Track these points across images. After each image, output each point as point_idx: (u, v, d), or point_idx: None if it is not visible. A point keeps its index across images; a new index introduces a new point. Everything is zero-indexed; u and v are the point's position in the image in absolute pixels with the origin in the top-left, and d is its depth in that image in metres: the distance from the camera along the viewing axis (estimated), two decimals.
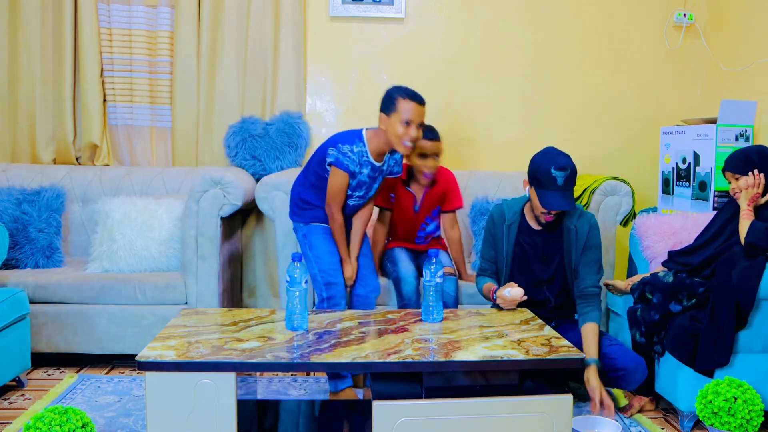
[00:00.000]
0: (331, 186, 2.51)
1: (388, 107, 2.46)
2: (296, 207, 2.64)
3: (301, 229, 2.63)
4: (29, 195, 3.11)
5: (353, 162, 2.47)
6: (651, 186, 3.62)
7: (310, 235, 2.60)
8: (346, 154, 2.46)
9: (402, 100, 2.43)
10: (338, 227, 2.57)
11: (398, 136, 2.44)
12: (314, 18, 3.60)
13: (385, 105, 2.49)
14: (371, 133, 2.52)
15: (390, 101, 2.46)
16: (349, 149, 2.46)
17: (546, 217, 2.41)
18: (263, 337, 1.99)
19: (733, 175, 2.42)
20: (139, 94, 3.53)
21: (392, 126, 2.44)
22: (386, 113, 2.47)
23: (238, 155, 3.44)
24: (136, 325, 2.82)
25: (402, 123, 2.43)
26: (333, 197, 2.52)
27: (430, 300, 2.20)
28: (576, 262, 2.48)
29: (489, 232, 2.61)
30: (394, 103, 2.44)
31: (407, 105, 2.43)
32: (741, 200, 2.37)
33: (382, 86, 3.62)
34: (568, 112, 3.72)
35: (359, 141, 2.49)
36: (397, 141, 2.46)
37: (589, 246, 2.48)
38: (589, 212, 2.58)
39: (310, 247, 2.59)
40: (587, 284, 2.47)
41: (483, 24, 3.66)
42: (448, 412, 1.86)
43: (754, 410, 2.12)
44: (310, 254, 2.58)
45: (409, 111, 2.42)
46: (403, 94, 2.45)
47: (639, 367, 2.33)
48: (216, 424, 1.79)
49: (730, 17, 3.47)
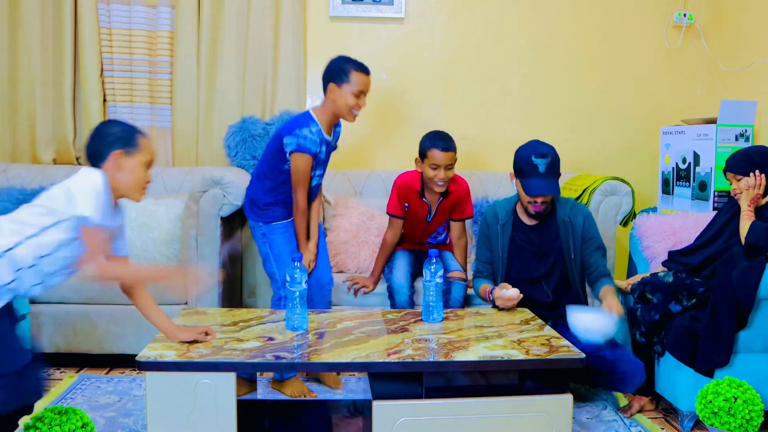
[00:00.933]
0: (296, 172, 2.52)
1: (339, 78, 2.51)
2: (256, 208, 2.63)
3: (260, 228, 2.63)
4: (29, 195, 3.11)
5: (315, 143, 2.51)
6: (651, 186, 3.62)
7: (270, 234, 2.61)
8: (306, 137, 2.49)
9: (354, 71, 2.50)
10: (302, 212, 2.58)
11: (349, 106, 2.51)
12: (314, 18, 3.60)
13: (336, 75, 2.52)
14: (318, 111, 2.57)
15: (341, 72, 2.51)
16: (308, 131, 2.49)
17: (533, 207, 2.44)
18: (263, 337, 1.99)
19: (734, 176, 2.42)
20: (139, 94, 3.53)
21: (343, 96, 2.50)
22: (337, 83, 2.51)
23: (238, 155, 3.44)
24: (136, 325, 2.82)
25: (353, 94, 2.50)
26: (300, 182, 2.53)
27: (430, 300, 2.20)
28: (577, 253, 2.49)
29: (483, 234, 2.62)
30: (346, 74, 2.50)
31: (359, 77, 2.51)
32: (742, 201, 2.37)
33: (383, 86, 3.66)
34: (568, 111, 3.72)
35: (312, 121, 2.53)
36: (347, 110, 2.52)
37: (587, 237, 2.50)
38: (580, 203, 2.60)
39: (271, 246, 2.61)
40: (599, 269, 2.49)
41: (483, 24, 3.66)
42: (448, 412, 1.86)
43: (754, 410, 2.12)
44: (270, 253, 2.60)
45: (361, 82, 2.51)
46: (355, 66, 2.52)
47: (637, 371, 2.31)
48: (216, 424, 1.79)
49: (730, 17, 3.47)
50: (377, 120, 3.64)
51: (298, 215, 2.59)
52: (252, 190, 2.68)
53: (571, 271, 2.51)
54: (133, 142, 1.84)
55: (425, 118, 3.59)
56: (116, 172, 1.82)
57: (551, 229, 2.52)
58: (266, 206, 2.61)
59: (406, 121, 3.65)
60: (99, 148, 1.82)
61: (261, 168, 2.66)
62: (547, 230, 2.52)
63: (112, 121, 1.93)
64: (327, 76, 2.55)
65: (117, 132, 1.83)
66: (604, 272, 2.49)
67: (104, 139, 1.82)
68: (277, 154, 2.55)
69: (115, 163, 1.81)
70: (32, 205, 1.76)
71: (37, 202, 1.76)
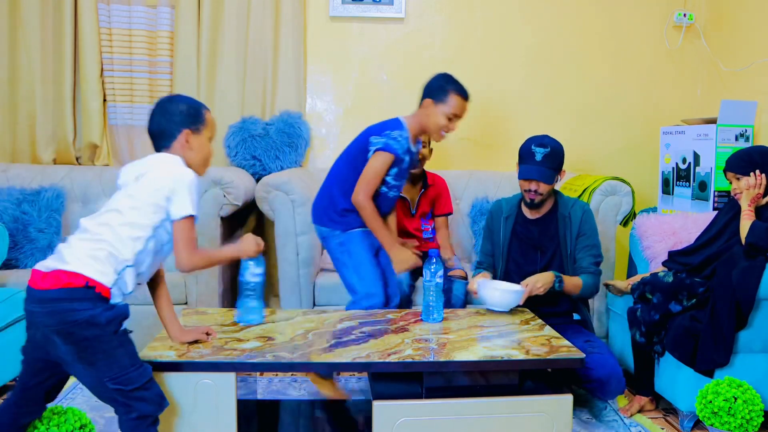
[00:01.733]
0: (369, 168, 2.40)
1: (438, 95, 2.44)
2: (333, 214, 2.48)
3: (338, 237, 2.47)
4: (29, 195, 3.11)
5: (402, 148, 2.42)
6: (651, 186, 3.62)
7: (348, 243, 2.46)
8: (396, 139, 2.41)
9: (454, 94, 2.44)
10: (372, 213, 2.40)
11: (440, 126, 2.46)
12: (314, 18, 3.60)
13: (435, 92, 2.45)
14: (409, 120, 2.50)
15: (442, 91, 2.44)
16: (398, 134, 2.41)
17: (528, 195, 2.48)
18: (263, 337, 1.99)
19: (735, 175, 2.42)
20: (139, 94, 3.53)
21: (436, 115, 2.44)
22: (435, 100, 2.45)
23: (238, 155, 3.44)
24: (136, 325, 2.79)
25: (447, 116, 2.44)
26: (367, 180, 2.39)
27: (430, 300, 2.20)
28: (572, 249, 2.50)
29: (487, 226, 2.68)
30: (446, 95, 2.44)
31: (458, 101, 2.44)
32: (742, 201, 2.36)
33: (382, 86, 3.66)
34: (568, 112, 3.73)
35: (403, 127, 2.45)
36: (436, 129, 2.47)
37: (582, 232, 2.51)
38: (582, 201, 2.61)
39: (350, 255, 2.46)
40: (582, 265, 2.50)
41: (483, 24, 3.66)
42: (448, 412, 1.86)
43: (754, 410, 2.12)
44: (350, 262, 2.45)
45: (459, 107, 2.45)
46: (456, 88, 2.45)
47: (613, 378, 2.27)
48: (216, 424, 1.79)
49: (730, 17, 3.47)
50: (377, 120, 3.63)
51: (372, 218, 2.40)
52: (326, 196, 2.52)
53: (566, 266, 2.51)
54: (201, 118, 1.82)
55: None
56: (186, 151, 1.80)
57: (552, 224, 2.54)
58: (345, 212, 2.46)
59: None
60: (168, 127, 1.79)
61: (339, 171, 2.52)
62: (547, 225, 2.55)
63: (176, 97, 1.88)
64: (427, 91, 2.48)
65: (184, 110, 1.81)
66: (586, 269, 2.50)
67: (172, 118, 1.80)
68: (360, 156, 2.45)
69: (185, 142, 1.79)
70: (134, 206, 1.70)
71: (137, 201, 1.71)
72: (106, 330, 1.61)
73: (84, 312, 1.58)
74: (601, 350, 2.35)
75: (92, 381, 1.65)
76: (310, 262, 2.92)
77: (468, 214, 3.37)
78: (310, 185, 3.06)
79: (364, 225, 2.46)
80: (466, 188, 3.42)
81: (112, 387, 1.62)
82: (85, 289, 1.60)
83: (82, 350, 1.60)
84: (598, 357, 2.30)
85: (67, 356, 1.62)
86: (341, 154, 2.57)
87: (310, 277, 2.92)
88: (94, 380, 1.64)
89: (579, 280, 2.46)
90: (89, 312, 1.59)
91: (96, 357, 1.61)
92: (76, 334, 1.59)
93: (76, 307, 1.58)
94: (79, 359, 1.61)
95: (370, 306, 2.42)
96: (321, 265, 3.11)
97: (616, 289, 2.66)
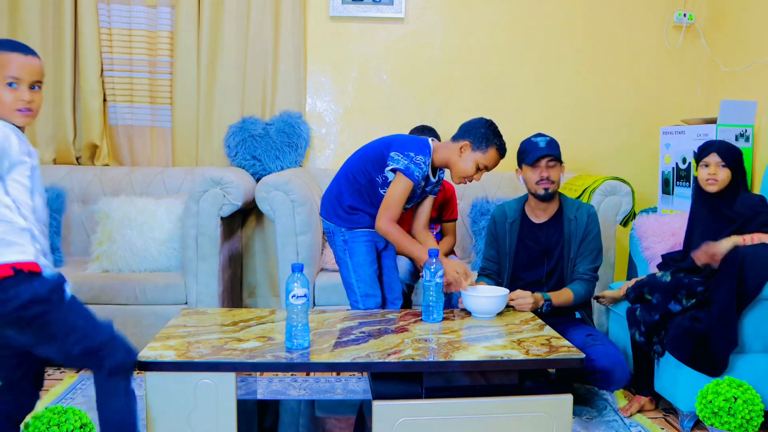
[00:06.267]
0: (392, 195, 2.33)
1: (479, 144, 2.35)
2: (340, 210, 2.45)
3: (342, 234, 2.45)
4: None
5: (422, 174, 2.34)
6: (651, 186, 3.62)
7: (351, 242, 2.44)
8: (419, 164, 2.32)
9: (494, 149, 2.35)
10: (399, 236, 2.33)
11: (467, 172, 2.37)
12: (314, 18, 3.60)
13: (476, 138, 2.35)
14: (437, 146, 2.41)
15: (485, 140, 2.35)
16: (422, 160, 2.32)
17: (543, 185, 2.45)
18: (263, 337, 1.99)
19: (720, 162, 2.36)
20: (139, 94, 3.53)
21: (468, 161, 2.36)
22: (473, 146, 2.35)
23: (238, 155, 3.44)
24: (136, 325, 2.82)
25: (479, 165, 2.37)
26: (390, 208, 2.32)
27: (430, 300, 2.20)
28: (575, 253, 2.50)
29: (490, 232, 2.63)
30: (486, 146, 2.35)
31: (495, 156, 2.37)
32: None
33: (382, 86, 3.66)
34: (567, 111, 3.73)
35: (428, 154, 2.36)
36: (462, 174, 2.38)
37: (587, 236, 2.51)
38: (588, 203, 2.61)
39: (351, 254, 2.44)
40: (579, 270, 2.50)
41: (483, 24, 3.66)
42: (448, 412, 1.86)
43: (754, 410, 2.12)
44: (350, 262, 2.45)
45: (493, 161, 2.38)
46: (498, 144, 2.36)
47: (617, 368, 2.28)
48: (216, 424, 1.79)
49: (730, 17, 3.47)
50: (377, 120, 3.64)
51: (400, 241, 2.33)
52: (335, 191, 2.49)
53: (567, 270, 2.52)
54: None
55: (425, 118, 3.59)
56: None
57: (558, 227, 2.53)
58: (351, 210, 2.43)
59: (406, 121, 3.65)
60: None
61: (350, 169, 2.46)
62: (554, 229, 2.53)
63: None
64: (468, 132, 2.37)
65: None
66: (582, 275, 2.50)
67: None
68: (377, 162, 2.38)
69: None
70: None
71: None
72: (52, 301, 1.63)
73: (24, 294, 1.59)
74: (604, 341, 2.37)
75: (60, 354, 1.67)
76: (310, 262, 2.92)
77: (468, 214, 3.37)
78: (310, 185, 3.06)
79: (370, 225, 2.43)
80: (466, 188, 3.42)
81: (78, 351, 1.65)
82: (16, 275, 1.60)
83: (39, 330, 1.62)
84: (602, 348, 2.32)
85: (29, 342, 1.65)
86: (357, 152, 2.50)
87: (310, 277, 2.92)
88: (62, 352, 1.66)
89: (570, 293, 2.46)
90: (29, 292, 1.59)
91: (53, 331, 1.63)
92: (26, 317, 1.60)
93: (16, 293, 1.58)
94: (40, 340, 1.64)
95: (367, 308, 2.44)
96: (321, 265, 3.12)
97: (608, 299, 2.67)
